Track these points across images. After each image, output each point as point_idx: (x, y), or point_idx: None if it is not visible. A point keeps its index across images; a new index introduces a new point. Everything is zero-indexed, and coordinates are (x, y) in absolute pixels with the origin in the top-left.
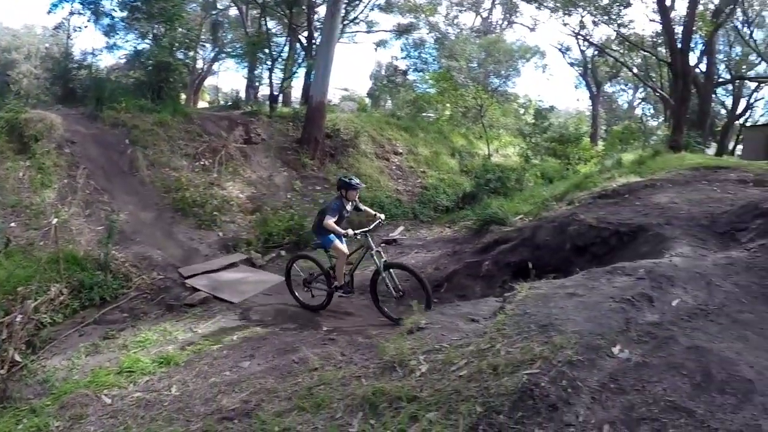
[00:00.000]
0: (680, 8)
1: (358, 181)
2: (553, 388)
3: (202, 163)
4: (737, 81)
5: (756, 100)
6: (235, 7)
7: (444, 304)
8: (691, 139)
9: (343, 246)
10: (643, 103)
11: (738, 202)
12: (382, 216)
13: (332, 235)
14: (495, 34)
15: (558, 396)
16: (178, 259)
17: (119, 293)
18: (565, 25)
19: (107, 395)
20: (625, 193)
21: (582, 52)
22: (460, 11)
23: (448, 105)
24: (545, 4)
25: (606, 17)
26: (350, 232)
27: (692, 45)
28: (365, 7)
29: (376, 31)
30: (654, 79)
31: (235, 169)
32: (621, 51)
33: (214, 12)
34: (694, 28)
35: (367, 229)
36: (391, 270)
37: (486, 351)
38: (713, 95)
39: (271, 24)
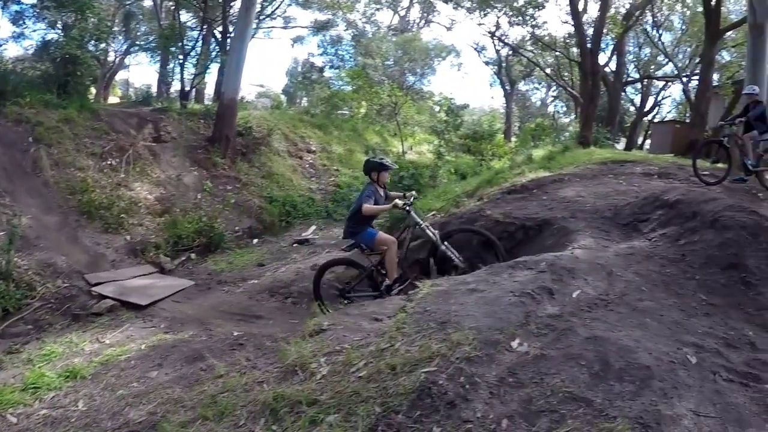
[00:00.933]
0: (592, 11)
1: (390, 161)
2: (451, 385)
3: (109, 162)
4: (645, 80)
5: (663, 98)
6: None
7: (354, 303)
8: (601, 134)
9: (388, 235)
10: (555, 100)
11: (642, 195)
12: (414, 192)
13: (373, 229)
14: (412, 32)
15: (456, 393)
16: (84, 265)
17: (22, 303)
18: (480, 25)
19: (12, 414)
20: (533, 188)
21: (497, 51)
22: (378, 9)
23: (363, 103)
24: (462, 4)
25: (520, 18)
26: (399, 202)
27: (603, 46)
28: (282, 2)
29: (293, 27)
30: (566, 78)
31: (143, 168)
32: (534, 51)
33: (128, 2)
34: (604, 30)
35: (409, 202)
36: (446, 242)
37: (385, 351)
38: (623, 93)
39: (186, 17)
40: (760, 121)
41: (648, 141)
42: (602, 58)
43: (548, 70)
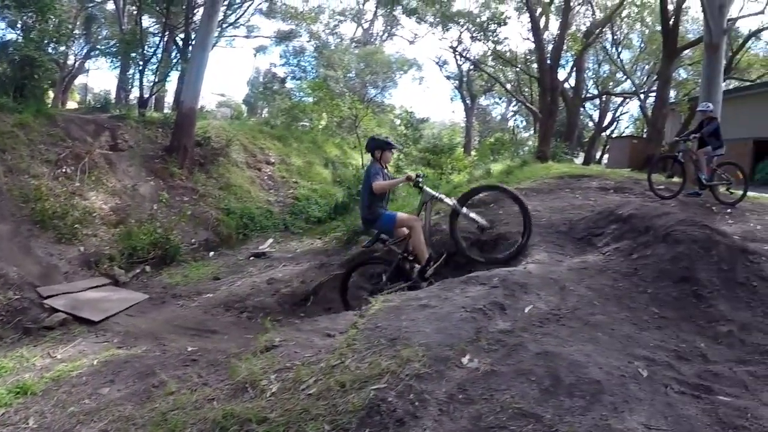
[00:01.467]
0: (554, 28)
1: (392, 139)
2: (400, 402)
3: (64, 170)
4: (604, 96)
5: (621, 114)
6: (113, 1)
7: (310, 317)
8: (559, 149)
9: (410, 215)
10: (515, 115)
11: (597, 209)
12: (420, 171)
13: (391, 211)
14: (375, 45)
15: (405, 410)
16: (37, 276)
17: None
18: (441, 39)
19: None
20: (491, 202)
21: (459, 66)
22: (342, 21)
23: (324, 115)
24: (425, 18)
25: (482, 34)
26: (411, 174)
27: (562, 62)
28: (245, 11)
29: (256, 37)
30: (525, 94)
31: (99, 177)
32: (495, 66)
33: (90, 5)
34: (564, 47)
35: (421, 176)
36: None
37: (336, 367)
38: (581, 109)
39: (148, 22)
40: (713, 137)
41: (606, 156)
42: (562, 74)
43: (508, 86)
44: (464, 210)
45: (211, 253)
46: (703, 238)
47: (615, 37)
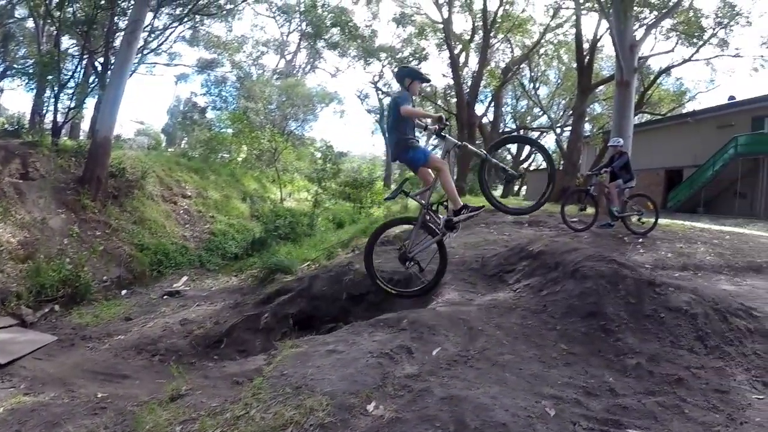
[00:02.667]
0: (474, 64)
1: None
2: None
3: None
4: (522, 130)
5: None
6: (32, 19)
7: (223, 360)
8: (477, 184)
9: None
10: (435, 149)
11: (510, 244)
12: (441, 114)
13: (425, 148)
14: (297, 77)
15: None
16: None
17: None
18: (364, 74)
19: None
20: (407, 239)
21: (380, 100)
22: (265, 52)
23: (243, 147)
24: (347, 52)
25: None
26: (442, 116)
27: (481, 98)
28: (167, 38)
29: (177, 65)
30: (445, 129)
31: (7, 208)
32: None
33: (8, 21)
34: (483, 83)
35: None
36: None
37: (240, 418)
38: None
39: (69, 43)
40: (624, 170)
41: (524, 188)
42: (480, 109)
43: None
44: (493, 160)
45: (124, 292)
46: (610, 273)
47: (532, 74)
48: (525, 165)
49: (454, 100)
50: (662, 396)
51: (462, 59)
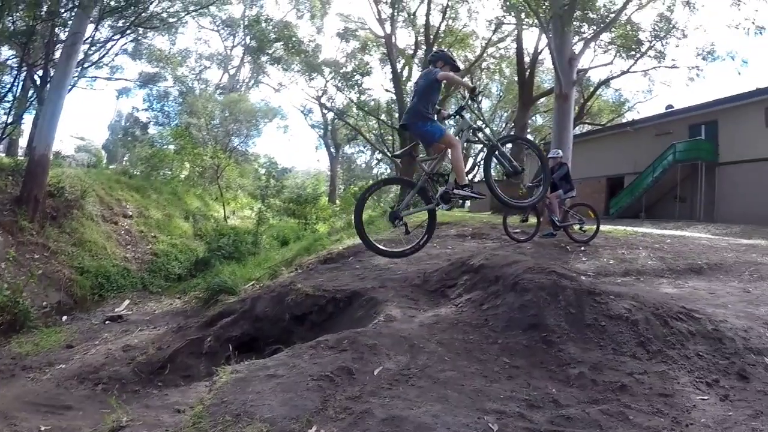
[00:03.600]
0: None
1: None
2: None
3: None
4: (465, 143)
5: (481, 160)
6: None
7: (168, 387)
8: None
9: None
10: (379, 163)
11: (452, 258)
12: (475, 86)
13: (439, 125)
14: (240, 92)
15: None
16: None
17: None
18: (308, 88)
19: None
20: (349, 255)
21: (323, 115)
22: (208, 67)
23: (186, 164)
24: (291, 67)
25: (347, 84)
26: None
27: None
28: (108, 50)
29: (118, 79)
30: (389, 141)
31: None
32: (358, 116)
33: None
34: None
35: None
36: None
37: None
38: None
39: (7, 54)
40: (564, 180)
41: (469, 201)
42: None
43: (369, 135)
44: (502, 150)
45: (65, 318)
46: (549, 284)
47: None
48: (470, 176)
49: (397, 114)
50: (606, 404)
51: (405, 73)
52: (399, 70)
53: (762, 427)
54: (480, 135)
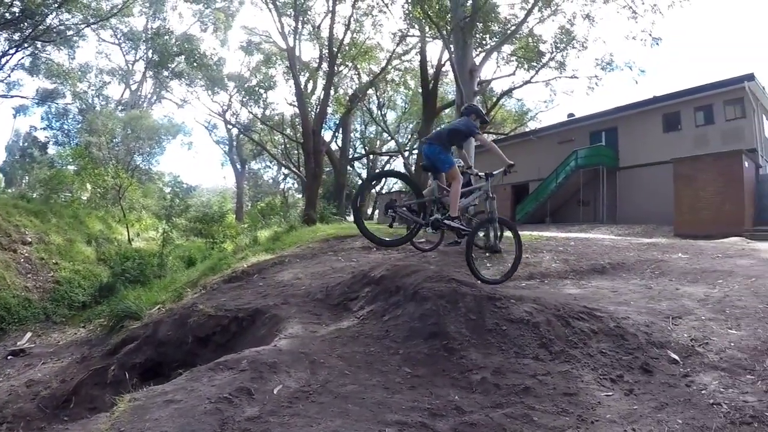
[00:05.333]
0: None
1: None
2: None
3: None
4: (371, 155)
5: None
6: None
7: (74, 421)
8: (327, 210)
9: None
10: (286, 178)
11: (354, 272)
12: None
13: (453, 158)
14: (143, 108)
15: None
16: None
17: None
18: (208, 104)
19: None
20: (254, 273)
21: (228, 130)
22: (108, 82)
23: (87, 185)
24: (194, 82)
25: (251, 99)
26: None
27: (331, 125)
28: (2, 66)
29: (14, 96)
30: (294, 156)
31: None
32: (263, 131)
33: None
34: (330, 110)
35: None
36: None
37: None
38: (350, 168)
39: None
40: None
41: (377, 212)
42: (328, 136)
43: (274, 150)
44: (493, 225)
45: None
46: (449, 292)
47: (380, 100)
48: (377, 189)
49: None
50: (510, 407)
51: (310, 86)
52: (303, 84)
53: (667, 418)
54: (488, 204)
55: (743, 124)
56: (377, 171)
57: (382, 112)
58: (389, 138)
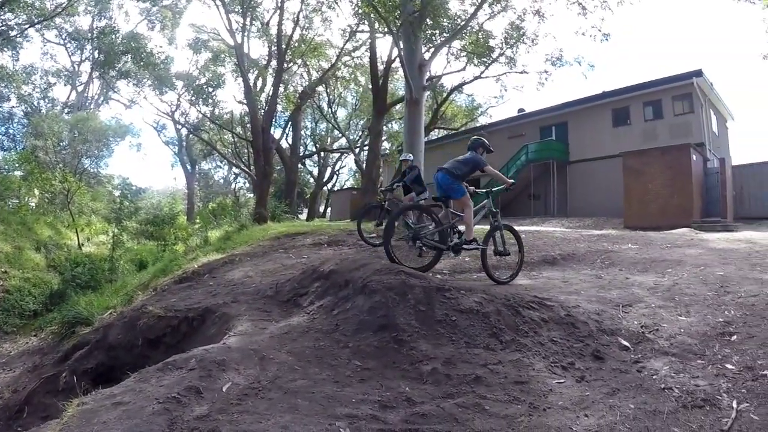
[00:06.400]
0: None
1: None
2: None
3: None
4: (322, 153)
5: (340, 168)
6: None
7: (27, 430)
8: (279, 208)
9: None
10: (238, 177)
11: (308, 266)
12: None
13: (464, 188)
14: (90, 110)
15: None
16: None
17: None
18: (156, 104)
19: None
20: (204, 273)
21: (177, 130)
22: (54, 84)
23: (35, 191)
24: (142, 81)
25: (200, 98)
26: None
27: (281, 123)
28: None
29: None
30: (245, 155)
31: None
32: (213, 130)
33: None
34: (280, 108)
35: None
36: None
37: None
38: (301, 166)
39: None
40: (416, 183)
41: (329, 209)
42: (278, 134)
43: (224, 150)
44: (499, 233)
45: None
46: (398, 284)
47: (330, 97)
48: (329, 186)
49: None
50: (461, 397)
51: (259, 84)
52: (252, 82)
53: (619, 403)
54: (491, 216)
55: (691, 119)
56: (408, 204)
57: (333, 110)
58: (340, 135)
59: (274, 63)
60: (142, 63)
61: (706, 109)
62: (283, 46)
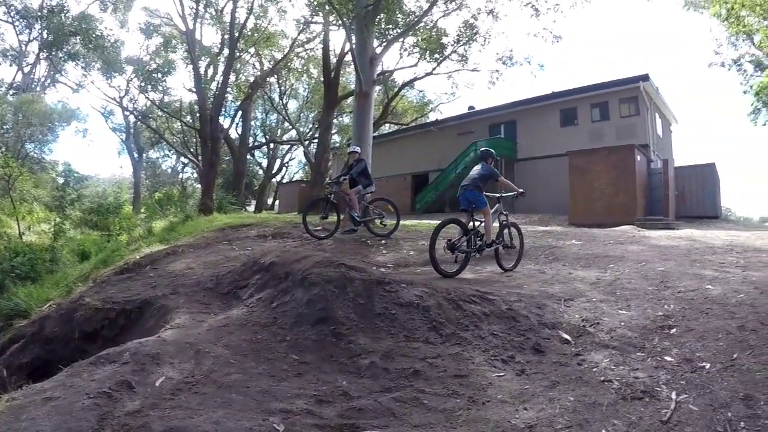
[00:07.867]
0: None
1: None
2: None
3: None
4: (272, 144)
5: (289, 160)
6: None
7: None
8: (226, 200)
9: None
10: (185, 167)
11: (250, 258)
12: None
13: (485, 199)
14: (36, 92)
15: None
16: None
17: None
18: (104, 89)
19: None
20: (146, 264)
21: (125, 117)
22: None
23: None
24: (90, 65)
25: (149, 84)
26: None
27: (231, 113)
28: None
29: None
30: (193, 146)
31: None
32: (161, 118)
33: None
34: (231, 98)
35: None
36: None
37: None
38: (250, 157)
39: None
40: (362, 176)
41: (278, 201)
42: (227, 124)
43: (172, 138)
44: (507, 231)
45: None
46: (337, 277)
47: (281, 88)
48: (278, 178)
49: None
50: (399, 391)
51: (210, 72)
52: (203, 69)
53: (559, 396)
54: (501, 218)
55: (637, 121)
56: (443, 221)
57: (284, 101)
58: (290, 127)
59: (226, 51)
60: (91, 45)
61: (652, 112)
62: (236, 34)
